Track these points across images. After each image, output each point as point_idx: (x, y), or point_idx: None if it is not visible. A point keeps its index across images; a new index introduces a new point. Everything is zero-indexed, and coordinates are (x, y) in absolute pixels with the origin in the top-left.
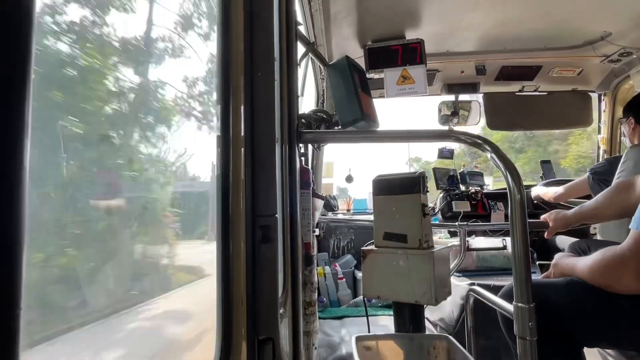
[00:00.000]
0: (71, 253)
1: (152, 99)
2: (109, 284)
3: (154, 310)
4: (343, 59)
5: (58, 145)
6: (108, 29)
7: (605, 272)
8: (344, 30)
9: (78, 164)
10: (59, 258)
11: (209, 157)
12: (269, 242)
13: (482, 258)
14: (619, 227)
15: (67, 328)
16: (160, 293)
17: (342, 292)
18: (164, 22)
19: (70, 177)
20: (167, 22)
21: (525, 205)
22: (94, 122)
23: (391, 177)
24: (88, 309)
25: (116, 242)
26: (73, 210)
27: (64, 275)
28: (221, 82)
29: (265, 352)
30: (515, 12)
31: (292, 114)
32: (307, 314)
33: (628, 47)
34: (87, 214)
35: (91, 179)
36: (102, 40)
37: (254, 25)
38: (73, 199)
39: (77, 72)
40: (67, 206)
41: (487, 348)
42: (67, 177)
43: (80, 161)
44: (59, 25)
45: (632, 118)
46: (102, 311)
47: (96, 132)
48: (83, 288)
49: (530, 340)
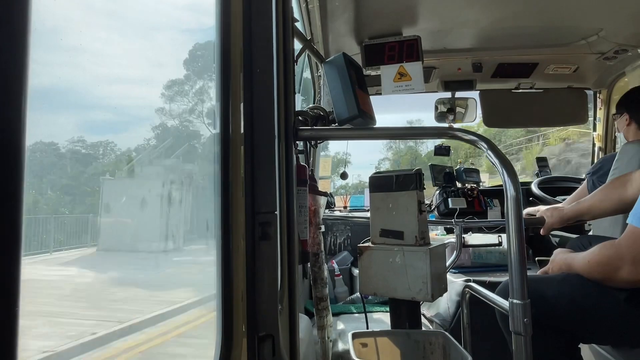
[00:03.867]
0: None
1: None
2: None
3: None
4: (340, 55)
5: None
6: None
7: (602, 266)
8: (341, 27)
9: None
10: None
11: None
12: (269, 239)
13: (478, 254)
14: (613, 223)
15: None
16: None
17: (338, 289)
18: (161, 24)
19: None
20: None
21: (521, 201)
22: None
23: (388, 174)
24: None
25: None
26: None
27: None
28: (220, 80)
29: (265, 349)
30: (511, 9)
31: (289, 111)
32: (320, 309)
33: (623, 44)
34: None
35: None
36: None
37: (252, 23)
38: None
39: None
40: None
41: (482, 344)
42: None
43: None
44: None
45: (626, 114)
46: None
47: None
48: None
49: (525, 336)
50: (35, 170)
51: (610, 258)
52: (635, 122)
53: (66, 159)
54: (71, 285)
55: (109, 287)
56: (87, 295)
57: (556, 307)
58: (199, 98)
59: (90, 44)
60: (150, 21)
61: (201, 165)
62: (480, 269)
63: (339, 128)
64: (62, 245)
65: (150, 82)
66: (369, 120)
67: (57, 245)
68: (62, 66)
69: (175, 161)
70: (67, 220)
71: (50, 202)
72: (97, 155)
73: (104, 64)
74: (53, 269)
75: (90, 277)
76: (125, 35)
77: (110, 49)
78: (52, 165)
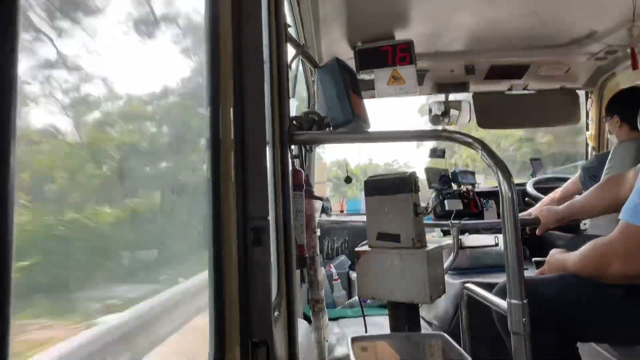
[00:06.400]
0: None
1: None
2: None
3: None
4: (333, 60)
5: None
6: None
7: (594, 261)
8: (334, 31)
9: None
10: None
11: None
12: (261, 245)
13: (475, 256)
14: (608, 222)
15: None
16: None
17: (337, 293)
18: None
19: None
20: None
21: (517, 202)
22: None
23: (383, 177)
24: None
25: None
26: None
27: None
28: (210, 84)
29: (259, 355)
30: (502, 11)
31: (284, 116)
32: (316, 311)
33: (614, 45)
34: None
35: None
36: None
37: (242, 27)
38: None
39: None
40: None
41: (481, 345)
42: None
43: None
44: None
45: (616, 116)
46: None
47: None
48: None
49: (524, 335)
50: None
51: (602, 253)
52: (626, 123)
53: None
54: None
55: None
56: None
57: (553, 307)
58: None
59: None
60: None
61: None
62: (478, 270)
63: (333, 132)
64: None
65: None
66: (363, 123)
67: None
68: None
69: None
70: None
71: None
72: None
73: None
74: None
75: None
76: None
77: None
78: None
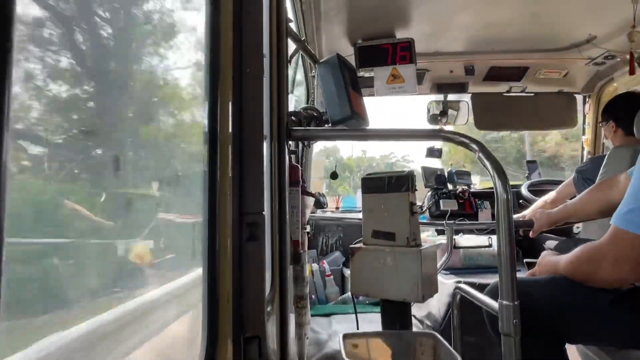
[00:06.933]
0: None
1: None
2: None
3: None
4: (334, 56)
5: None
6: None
7: (584, 265)
8: (335, 28)
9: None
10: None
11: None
12: (256, 240)
13: (468, 256)
14: (602, 226)
15: None
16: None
17: (330, 289)
18: (150, 14)
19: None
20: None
21: (511, 204)
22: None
23: (380, 175)
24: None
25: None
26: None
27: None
28: (208, 78)
29: (251, 350)
30: (503, 14)
31: (282, 111)
32: (299, 307)
33: (612, 51)
34: None
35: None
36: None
37: (243, 21)
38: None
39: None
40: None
41: (472, 345)
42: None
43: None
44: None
45: (612, 122)
46: None
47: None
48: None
49: (514, 337)
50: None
51: (592, 258)
52: (621, 128)
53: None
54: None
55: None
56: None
57: (543, 308)
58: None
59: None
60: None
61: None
62: (471, 271)
63: (331, 129)
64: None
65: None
66: (362, 121)
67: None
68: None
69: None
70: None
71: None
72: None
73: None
74: None
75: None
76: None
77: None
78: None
